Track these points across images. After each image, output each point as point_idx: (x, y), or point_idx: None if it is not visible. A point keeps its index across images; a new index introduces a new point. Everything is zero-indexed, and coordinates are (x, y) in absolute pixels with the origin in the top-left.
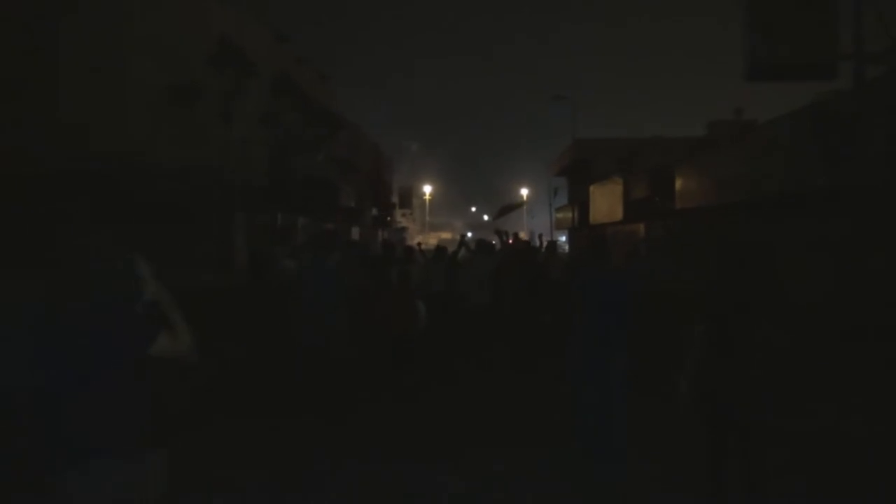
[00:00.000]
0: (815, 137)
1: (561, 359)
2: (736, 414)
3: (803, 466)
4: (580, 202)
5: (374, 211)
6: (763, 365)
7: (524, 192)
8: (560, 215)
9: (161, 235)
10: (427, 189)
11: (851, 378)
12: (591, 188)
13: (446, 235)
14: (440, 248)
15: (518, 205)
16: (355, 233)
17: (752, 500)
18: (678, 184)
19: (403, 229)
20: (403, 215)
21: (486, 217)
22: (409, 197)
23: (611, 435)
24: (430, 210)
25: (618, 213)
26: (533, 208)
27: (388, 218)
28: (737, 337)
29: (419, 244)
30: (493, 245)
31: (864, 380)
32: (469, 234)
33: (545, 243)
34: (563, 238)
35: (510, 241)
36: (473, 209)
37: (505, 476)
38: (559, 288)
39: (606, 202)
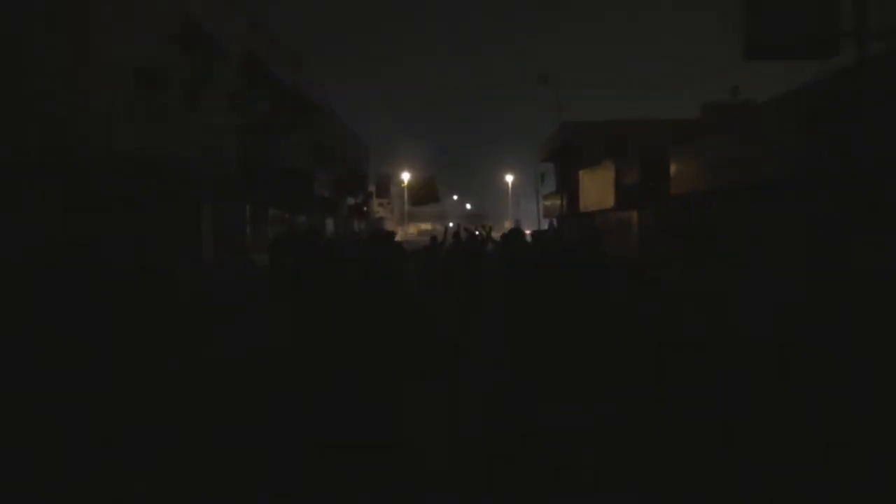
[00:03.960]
0: (815, 118)
1: None
2: None
3: None
4: (569, 189)
5: (351, 201)
6: None
7: (509, 178)
8: (548, 203)
9: (126, 225)
10: (405, 177)
11: None
12: (581, 173)
13: (426, 226)
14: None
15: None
16: (330, 224)
17: None
18: (673, 168)
19: (381, 219)
20: (381, 205)
21: (468, 206)
22: (386, 185)
23: None
24: (408, 199)
25: (609, 200)
26: (519, 196)
27: (365, 208)
28: None
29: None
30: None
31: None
32: (450, 225)
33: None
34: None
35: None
36: (455, 197)
37: None
38: None
39: (597, 188)
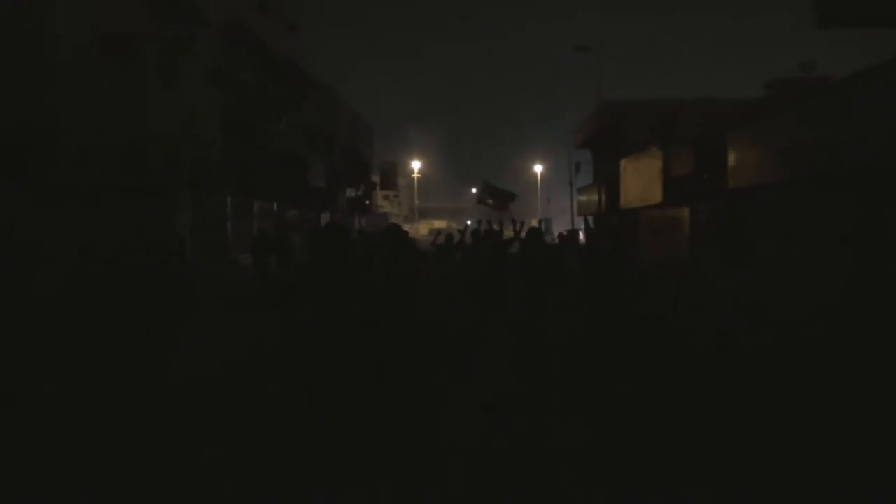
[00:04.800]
0: None
1: None
2: None
3: None
4: (608, 180)
5: (351, 193)
6: None
7: (538, 168)
8: (583, 197)
9: (92, 219)
10: (416, 165)
11: None
12: (623, 162)
13: (440, 223)
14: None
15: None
16: (325, 219)
17: None
18: (731, 156)
19: (385, 215)
20: (386, 198)
21: (490, 201)
22: (393, 175)
23: None
24: (418, 192)
25: (656, 195)
26: (550, 190)
27: (367, 202)
28: None
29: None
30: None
31: None
32: (468, 222)
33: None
34: (582, 226)
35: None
36: (474, 191)
37: None
38: None
39: (641, 180)
